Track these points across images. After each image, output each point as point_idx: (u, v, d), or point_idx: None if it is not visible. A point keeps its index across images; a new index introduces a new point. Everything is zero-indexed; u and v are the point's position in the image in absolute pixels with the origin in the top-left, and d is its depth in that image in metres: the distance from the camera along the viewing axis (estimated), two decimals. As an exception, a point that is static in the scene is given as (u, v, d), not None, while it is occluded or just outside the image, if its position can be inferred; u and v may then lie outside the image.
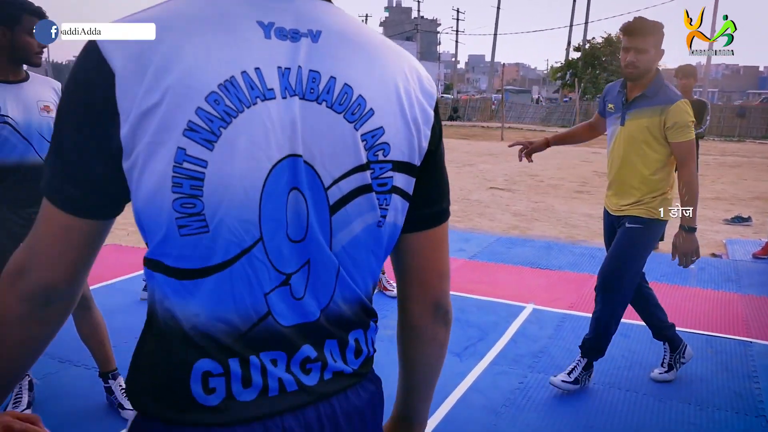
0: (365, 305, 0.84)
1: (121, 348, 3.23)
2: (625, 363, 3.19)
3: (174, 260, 0.71)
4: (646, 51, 2.57)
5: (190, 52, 0.68)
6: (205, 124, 0.67)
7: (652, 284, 4.50)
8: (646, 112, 2.62)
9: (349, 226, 0.77)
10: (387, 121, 0.76)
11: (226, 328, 0.74)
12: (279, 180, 0.71)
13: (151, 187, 0.68)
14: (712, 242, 6.18)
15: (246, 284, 0.73)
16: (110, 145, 0.69)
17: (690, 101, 5.40)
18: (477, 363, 3.15)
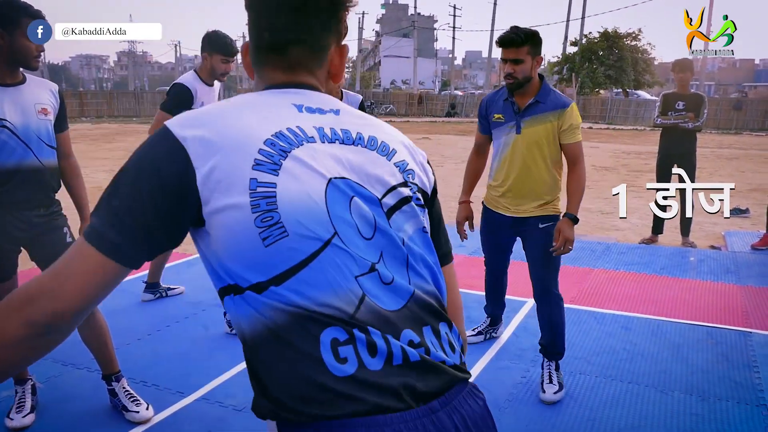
0: (440, 299, 0.96)
1: (123, 350, 3.24)
2: (627, 355, 3.20)
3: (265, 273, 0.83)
4: (522, 61, 2.62)
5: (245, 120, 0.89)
6: (268, 159, 0.86)
7: (652, 277, 4.54)
8: (542, 118, 2.69)
9: (403, 228, 0.94)
10: (406, 157, 1.00)
11: (335, 311, 0.83)
12: (336, 191, 0.88)
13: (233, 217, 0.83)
14: (711, 234, 6.19)
15: (336, 269, 0.84)
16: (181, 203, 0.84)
17: (687, 95, 5.44)
18: (479, 358, 3.16)
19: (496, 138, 2.87)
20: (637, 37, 34.46)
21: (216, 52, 3.33)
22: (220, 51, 3.33)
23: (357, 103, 4.01)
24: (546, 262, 2.83)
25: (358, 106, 3.98)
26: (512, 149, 2.77)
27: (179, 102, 3.30)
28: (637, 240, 5.94)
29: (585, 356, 3.19)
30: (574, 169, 2.77)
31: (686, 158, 5.50)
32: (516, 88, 2.69)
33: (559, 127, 2.68)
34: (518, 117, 2.73)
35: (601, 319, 3.71)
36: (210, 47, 3.34)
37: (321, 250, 0.84)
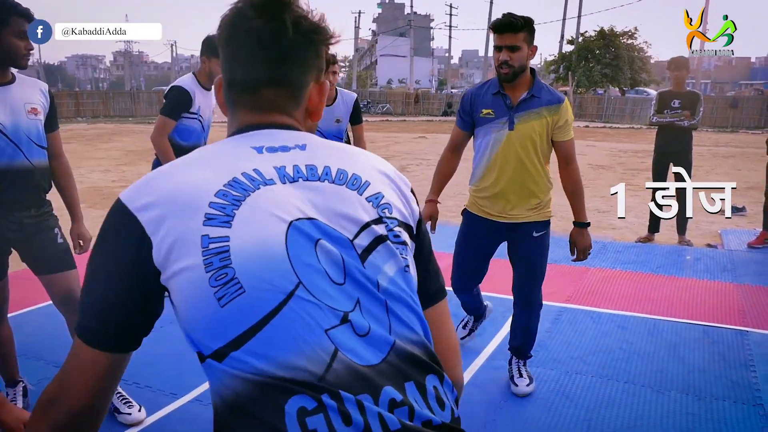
0: (428, 348, 0.85)
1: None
2: (623, 355, 3.19)
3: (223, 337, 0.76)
4: (519, 48, 2.46)
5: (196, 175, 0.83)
6: (219, 211, 0.79)
7: (648, 275, 4.53)
8: (536, 113, 2.54)
9: (382, 269, 0.84)
10: (382, 188, 0.89)
11: (302, 374, 0.74)
12: (299, 234, 0.79)
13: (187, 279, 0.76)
14: (708, 233, 6.19)
15: (302, 324, 0.76)
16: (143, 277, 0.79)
17: (683, 93, 5.43)
18: (475, 358, 3.14)
19: (483, 135, 2.66)
20: (634, 35, 34.50)
21: (215, 56, 3.30)
22: (218, 55, 3.30)
23: (352, 101, 4.00)
24: (535, 272, 2.74)
25: (353, 105, 3.98)
26: (504, 147, 2.59)
27: (178, 105, 3.28)
28: (633, 239, 5.93)
29: (581, 356, 3.18)
30: (570, 169, 2.66)
31: (682, 156, 5.49)
32: (511, 79, 2.51)
33: (555, 124, 2.56)
34: (511, 112, 2.56)
35: (597, 318, 3.70)
36: (209, 51, 3.30)
37: (283, 304, 0.76)
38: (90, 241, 2.59)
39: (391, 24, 68.30)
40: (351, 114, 4.01)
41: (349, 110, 4.00)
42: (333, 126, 4.00)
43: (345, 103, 3.99)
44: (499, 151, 2.61)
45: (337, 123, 4.00)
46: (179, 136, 3.35)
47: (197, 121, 3.38)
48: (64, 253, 2.48)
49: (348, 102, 4.01)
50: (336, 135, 4.04)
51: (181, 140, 3.36)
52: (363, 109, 33.64)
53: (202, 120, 3.41)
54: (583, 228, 2.68)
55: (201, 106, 3.36)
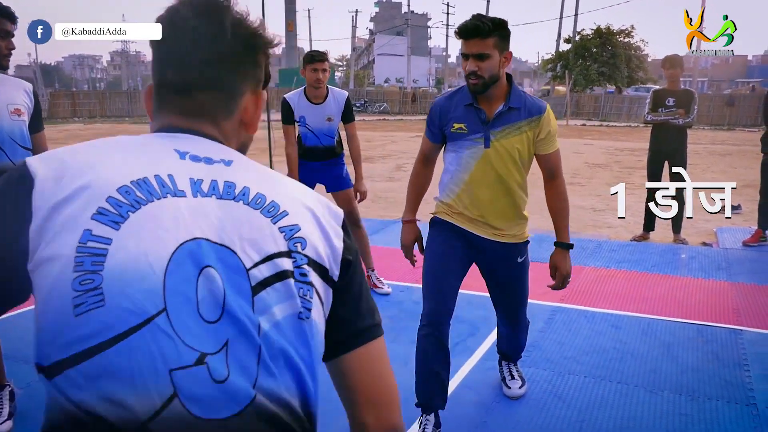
0: (296, 413, 0.75)
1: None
2: (617, 354, 3.17)
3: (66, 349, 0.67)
4: (488, 56, 2.14)
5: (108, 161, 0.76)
6: (114, 209, 0.71)
7: (643, 274, 4.51)
8: (516, 127, 2.24)
9: (269, 310, 0.74)
10: (301, 221, 0.80)
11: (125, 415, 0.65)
12: (187, 257, 0.71)
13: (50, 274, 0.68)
14: (703, 231, 6.18)
15: (147, 356, 0.66)
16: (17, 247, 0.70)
17: (677, 91, 5.42)
18: (468, 359, 3.12)
19: (455, 151, 2.34)
20: (630, 33, 34.53)
21: None
22: None
23: (343, 99, 3.98)
24: (520, 297, 2.57)
25: (344, 103, 3.96)
26: (480, 167, 2.28)
27: None
28: (629, 237, 5.91)
29: (574, 356, 3.16)
30: (555, 184, 2.38)
31: (677, 155, 5.47)
32: (481, 91, 2.20)
33: (536, 136, 2.27)
34: (487, 128, 2.25)
35: (591, 318, 3.69)
36: None
37: (136, 329, 0.67)
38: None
39: (388, 23, 68.25)
40: (342, 112, 3.99)
41: (341, 108, 3.98)
42: (324, 124, 3.98)
43: (336, 101, 3.97)
44: (474, 170, 2.30)
45: (328, 121, 3.98)
46: None
47: None
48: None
49: (339, 100, 3.99)
50: (327, 134, 4.01)
51: None
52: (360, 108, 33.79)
53: None
54: (567, 250, 2.42)
55: None
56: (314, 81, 3.85)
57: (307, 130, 3.99)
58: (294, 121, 3.96)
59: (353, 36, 54.92)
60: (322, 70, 3.85)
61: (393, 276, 4.46)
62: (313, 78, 3.85)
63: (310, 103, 3.95)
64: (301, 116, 3.96)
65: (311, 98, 3.95)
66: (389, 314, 3.75)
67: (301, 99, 3.97)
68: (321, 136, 4.01)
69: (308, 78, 3.88)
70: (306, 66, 3.88)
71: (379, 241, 5.56)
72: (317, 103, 3.95)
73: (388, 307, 3.88)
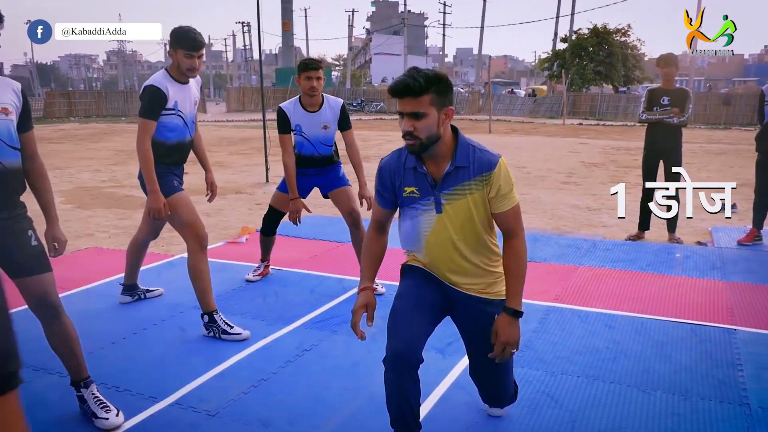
0: None
1: (97, 354, 3.17)
2: (610, 354, 3.16)
3: None
4: (424, 115, 1.95)
5: None
6: None
7: (637, 274, 4.50)
8: (466, 188, 2.05)
9: None
10: None
11: None
12: None
13: None
14: (698, 230, 6.17)
15: None
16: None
17: (672, 90, 5.41)
18: (459, 359, 3.10)
19: (410, 215, 2.17)
20: (627, 32, 34.54)
21: (180, 47, 3.24)
22: (183, 46, 3.24)
23: (338, 106, 3.98)
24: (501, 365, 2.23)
25: (340, 110, 3.95)
26: (435, 233, 2.12)
27: (153, 104, 3.23)
28: (623, 236, 5.91)
29: (567, 356, 3.14)
30: (512, 244, 2.12)
31: (672, 154, 5.47)
32: (418, 152, 2.02)
33: (488, 194, 2.07)
34: (436, 192, 2.07)
35: (585, 317, 3.67)
36: (174, 43, 3.25)
37: None
38: (65, 244, 2.55)
39: (385, 22, 68.17)
40: (339, 119, 3.97)
41: (337, 116, 3.96)
42: (320, 132, 3.96)
43: (332, 109, 3.95)
44: (430, 235, 2.14)
45: (324, 129, 3.96)
46: (161, 133, 3.30)
47: (177, 116, 3.32)
48: (39, 256, 2.43)
49: (335, 107, 3.97)
50: (324, 142, 4.00)
51: (164, 137, 3.31)
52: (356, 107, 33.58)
53: (182, 115, 3.36)
54: (515, 318, 2.11)
55: (178, 101, 3.31)
56: (309, 89, 3.83)
57: (303, 139, 3.97)
58: (290, 130, 3.94)
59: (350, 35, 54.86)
60: (316, 78, 3.83)
61: (388, 275, 4.44)
62: (308, 86, 3.83)
63: (306, 111, 3.93)
64: (297, 125, 3.94)
65: (306, 106, 3.93)
66: (383, 314, 3.72)
67: (297, 107, 3.95)
68: (317, 145, 3.99)
69: (303, 86, 3.86)
70: (300, 74, 3.86)
71: (374, 241, 5.56)
72: (313, 111, 3.93)
73: (384, 307, 3.84)
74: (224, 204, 7.76)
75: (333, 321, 3.62)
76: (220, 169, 11.26)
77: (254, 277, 4.39)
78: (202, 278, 3.35)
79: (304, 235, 5.80)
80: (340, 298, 4.02)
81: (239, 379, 2.90)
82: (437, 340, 3.33)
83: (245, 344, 3.27)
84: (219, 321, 3.35)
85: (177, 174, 3.47)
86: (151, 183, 3.23)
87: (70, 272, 4.63)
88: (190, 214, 3.36)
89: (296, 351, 3.20)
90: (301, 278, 4.46)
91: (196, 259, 3.35)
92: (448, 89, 2.01)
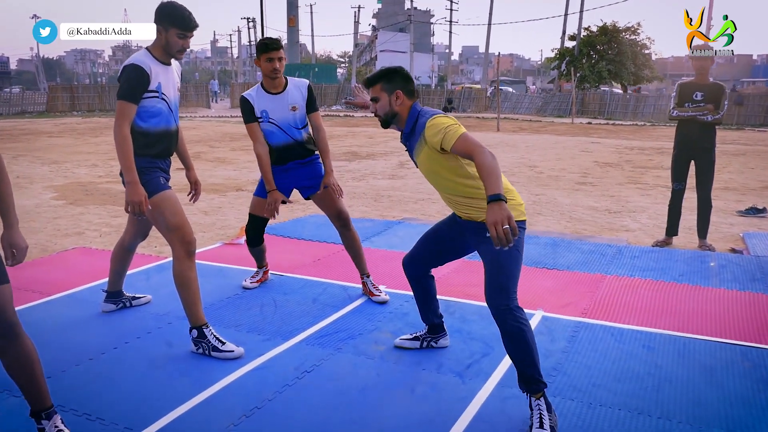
0: None
1: (71, 372, 2.81)
2: (653, 382, 2.76)
3: None
4: (378, 99, 2.64)
5: None
6: None
7: (671, 285, 4.10)
8: (418, 147, 2.59)
9: None
10: None
11: None
12: None
13: None
14: (728, 236, 5.76)
15: None
16: None
17: (706, 84, 4.99)
18: (482, 384, 2.72)
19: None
20: (636, 31, 34.02)
21: (173, 25, 2.87)
22: (176, 24, 2.86)
23: (304, 86, 3.75)
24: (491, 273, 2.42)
25: (306, 90, 3.66)
26: (426, 175, 2.70)
27: (134, 84, 2.84)
28: (648, 241, 5.50)
29: (604, 383, 2.75)
30: (477, 163, 2.27)
31: (705, 154, 5.07)
32: (385, 126, 2.71)
33: (433, 145, 2.47)
34: (409, 149, 2.71)
35: (619, 335, 3.27)
36: (165, 20, 2.87)
37: None
38: (25, 250, 2.16)
39: (391, 19, 67.66)
40: (306, 101, 3.63)
41: (304, 96, 3.64)
42: (289, 114, 3.60)
43: (298, 89, 3.64)
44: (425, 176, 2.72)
45: (293, 111, 3.60)
46: (142, 119, 2.92)
47: (160, 100, 2.94)
48: (-8, 265, 2.05)
49: (301, 87, 3.65)
50: (294, 125, 3.64)
51: (146, 124, 2.93)
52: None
53: (167, 99, 2.98)
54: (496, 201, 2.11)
55: (162, 83, 2.93)
56: (271, 71, 3.50)
57: (272, 126, 3.59)
58: (256, 118, 3.58)
59: (356, 32, 54.34)
60: (278, 59, 3.49)
61: (395, 284, 4.06)
62: (270, 68, 3.49)
63: (270, 94, 3.58)
64: (263, 110, 3.58)
65: (269, 89, 3.58)
66: (393, 329, 3.35)
67: (260, 92, 3.61)
68: (289, 129, 3.62)
69: (264, 69, 3.52)
70: (260, 56, 3.52)
71: (381, 244, 5.16)
72: (277, 93, 3.57)
73: (393, 320, 3.48)
74: (223, 202, 7.38)
75: (337, 336, 3.23)
76: (221, 165, 10.88)
77: (251, 284, 4.01)
78: (189, 288, 2.97)
79: (307, 236, 5.42)
80: (344, 309, 3.63)
81: (230, 408, 2.52)
82: (455, 361, 2.95)
83: (238, 363, 2.89)
84: (209, 336, 2.97)
85: (163, 168, 3.09)
86: (129, 173, 2.85)
87: (52, 275, 4.26)
88: (177, 216, 2.98)
89: (295, 372, 2.81)
90: (302, 285, 4.08)
91: (182, 266, 2.97)
92: (395, 78, 2.63)
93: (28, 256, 4.78)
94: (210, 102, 35.29)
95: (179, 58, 2.99)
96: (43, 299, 3.77)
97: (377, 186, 8.71)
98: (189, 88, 34.91)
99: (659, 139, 17.41)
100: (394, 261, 4.62)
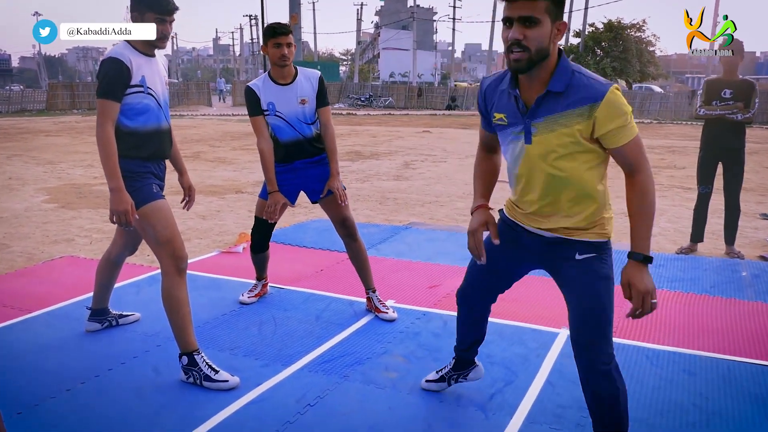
0: None
1: (43, 407, 2.49)
2: (701, 416, 2.45)
3: None
4: (537, 22, 1.68)
5: None
6: None
7: (703, 297, 3.78)
8: (563, 118, 1.77)
9: None
10: None
11: None
12: None
13: None
14: (755, 241, 5.44)
15: None
16: None
17: (735, 81, 4.67)
18: (509, 420, 2.41)
19: (503, 144, 2.00)
20: (642, 28, 33.69)
21: (149, 10, 2.56)
22: (153, 8, 2.55)
23: (316, 78, 3.36)
24: (589, 313, 1.90)
25: (318, 83, 3.34)
26: (525, 166, 1.90)
27: (113, 80, 2.53)
28: (671, 247, 5.18)
29: (646, 417, 2.44)
30: (636, 180, 1.82)
31: (734, 155, 4.74)
32: (525, 69, 1.74)
33: (592, 133, 1.77)
34: (527, 119, 1.82)
35: (655, 358, 2.96)
36: (140, 4, 2.56)
37: None
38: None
39: (393, 17, 67.31)
40: (317, 93, 3.31)
41: (315, 88, 3.30)
42: (298, 108, 3.27)
43: (308, 80, 3.30)
44: (520, 169, 1.94)
45: (302, 104, 3.27)
46: (128, 118, 2.61)
47: (146, 95, 2.62)
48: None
49: (312, 79, 3.31)
50: (303, 120, 3.31)
51: (133, 123, 2.62)
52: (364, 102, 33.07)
53: (154, 93, 2.66)
54: (643, 264, 1.79)
55: (146, 76, 2.62)
56: (279, 58, 3.18)
57: (279, 120, 3.27)
58: (262, 111, 3.25)
59: (358, 29, 54.00)
60: (286, 45, 3.16)
61: (403, 298, 3.75)
62: (278, 55, 3.17)
63: (278, 84, 3.26)
64: (270, 102, 3.25)
65: (277, 79, 3.26)
66: (404, 351, 3.04)
67: (266, 82, 3.27)
68: (297, 125, 3.29)
69: (272, 55, 3.20)
70: (268, 41, 3.20)
71: (387, 252, 4.83)
72: (286, 84, 3.25)
73: (404, 341, 3.16)
74: (222, 205, 7.07)
75: (343, 361, 2.92)
76: (221, 166, 10.58)
77: (249, 299, 3.71)
78: (179, 309, 2.66)
79: (309, 243, 5.10)
80: (350, 328, 3.32)
81: (221, 450, 2.21)
82: (476, 391, 2.63)
83: (233, 395, 2.58)
84: (201, 363, 2.66)
85: (156, 174, 2.77)
86: (112, 179, 2.53)
87: (35, 287, 3.96)
88: (167, 229, 2.68)
89: (297, 406, 2.50)
90: (304, 300, 3.77)
91: (171, 284, 2.66)
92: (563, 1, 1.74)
93: (10, 266, 4.49)
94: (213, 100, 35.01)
95: (161, 46, 2.68)
96: (22, 317, 3.47)
97: (382, 188, 8.39)
98: (190, 86, 34.65)
99: (668, 137, 17.07)
100: (402, 272, 4.30)
